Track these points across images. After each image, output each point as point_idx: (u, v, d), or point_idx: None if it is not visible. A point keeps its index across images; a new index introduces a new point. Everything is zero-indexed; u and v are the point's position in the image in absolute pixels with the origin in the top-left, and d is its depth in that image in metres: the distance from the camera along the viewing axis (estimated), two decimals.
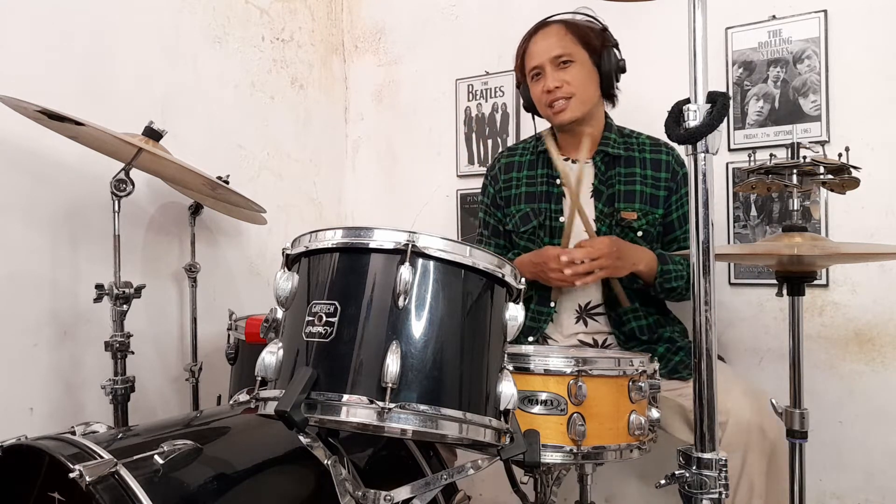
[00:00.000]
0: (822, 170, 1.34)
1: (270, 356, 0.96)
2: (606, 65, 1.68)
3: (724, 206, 1.97)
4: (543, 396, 1.19)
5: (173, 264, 2.02)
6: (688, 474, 0.95)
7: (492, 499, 2.25)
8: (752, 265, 1.95)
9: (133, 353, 1.60)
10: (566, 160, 1.77)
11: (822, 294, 1.88)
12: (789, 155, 1.36)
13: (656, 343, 1.65)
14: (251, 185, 2.28)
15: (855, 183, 1.37)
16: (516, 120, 2.37)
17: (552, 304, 1.71)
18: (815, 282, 1.67)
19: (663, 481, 1.00)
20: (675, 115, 0.97)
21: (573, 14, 1.72)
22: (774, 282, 1.43)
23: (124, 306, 1.57)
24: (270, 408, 0.92)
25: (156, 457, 1.07)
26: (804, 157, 1.34)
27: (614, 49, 1.70)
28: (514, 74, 1.82)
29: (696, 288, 0.96)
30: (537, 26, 1.73)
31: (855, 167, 1.33)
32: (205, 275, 2.02)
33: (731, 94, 1.97)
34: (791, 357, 1.41)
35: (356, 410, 0.88)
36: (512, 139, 2.37)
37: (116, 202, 1.53)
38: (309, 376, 0.89)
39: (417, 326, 0.92)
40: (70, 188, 1.74)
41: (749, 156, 1.45)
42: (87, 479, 0.96)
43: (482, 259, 0.98)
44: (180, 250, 2.04)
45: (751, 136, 1.95)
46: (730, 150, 1.97)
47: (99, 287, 1.55)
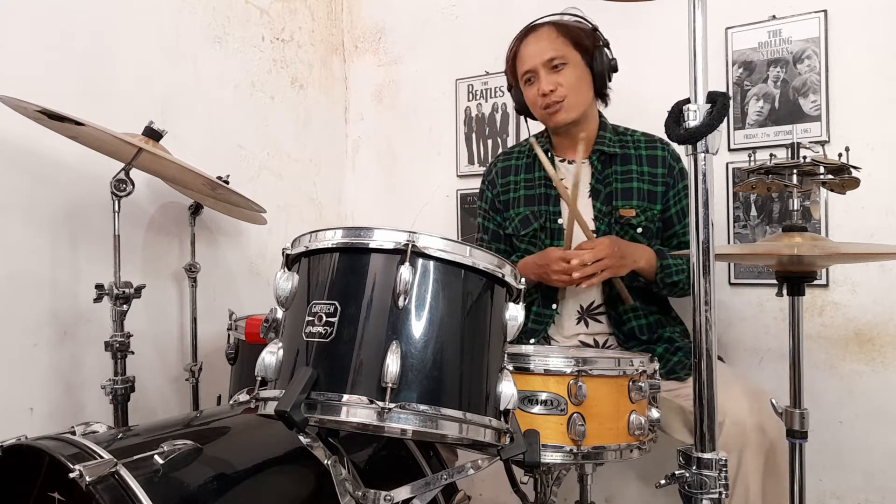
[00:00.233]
0: (822, 170, 1.34)
1: (270, 356, 0.96)
2: (599, 65, 1.68)
3: (724, 206, 1.97)
4: (543, 396, 1.19)
5: (173, 264, 2.02)
6: (688, 474, 0.96)
7: (492, 499, 2.25)
8: (752, 265, 1.95)
9: (133, 353, 1.60)
10: (562, 161, 1.78)
11: (822, 294, 1.88)
12: (789, 155, 1.36)
13: (655, 343, 1.65)
14: (251, 185, 2.28)
15: (855, 183, 1.37)
16: (516, 120, 2.37)
17: (554, 307, 1.71)
18: (815, 282, 1.67)
19: (663, 481, 1.00)
20: (675, 115, 0.97)
21: (561, 15, 1.71)
22: (774, 282, 1.43)
23: (124, 306, 1.57)
24: (270, 408, 0.92)
25: (156, 457, 1.07)
26: (804, 157, 1.34)
27: (606, 49, 1.70)
28: (506, 78, 1.81)
29: (696, 288, 0.96)
30: (527, 29, 1.71)
31: (855, 167, 1.33)
32: (205, 275, 2.02)
33: (731, 94, 1.97)
34: (791, 357, 1.41)
35: (356, 410, 0.88)
36: (512, 139, 2.37)
37: (116, 202, 1.53)
38: (309, 376, 0.89)
39: (417, 326, 0.92)
40: (70, 188, 1.74)
41: (749, 156, 1.45)
42: (87, 479, 0.96)
43: (482, 259, 0.98)
44: (180, 250, 2.04)
45: (751, 136, 1.95)
46: (730, 150, 1.97)
47: (99, 287, 1.55)
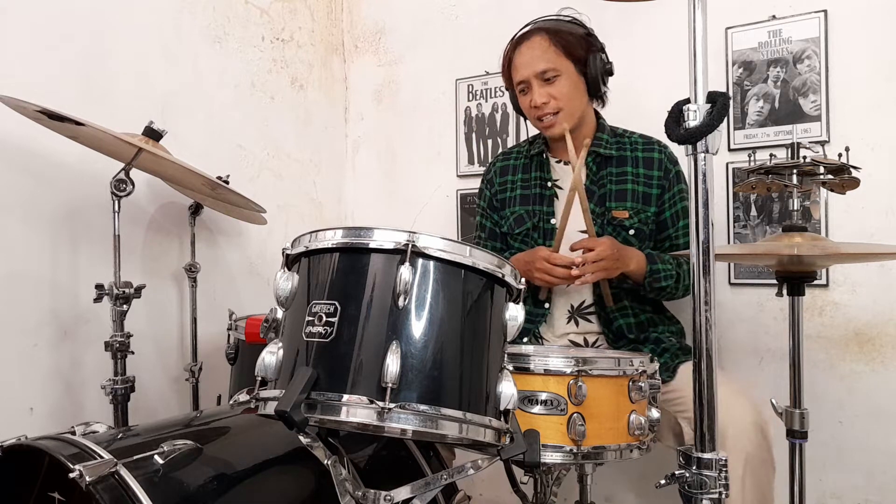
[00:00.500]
0: (822, 170, 1.34)
1: (270, 356, 0.96)
2: (592, 71, 1.66)
3: (724, 206, 1.97)
4: (543, 396, 1.19)
5: (173, 264, 2.02)
6: (688, 474, 0.96)
7: (492, 499, 2.25)
8: (752, 265, 1.95)
9: (133, 353, 1.60)
10: (558, 162, 1.78)
11: (822, 294, 1.88)
12: (789, 155, 1.36)
13: (643, 343, 1.65)
14: (251, 185, 2.27)
15: (855, 183, 1.37)
16: (516, 120, 2.37)
17: (546, 306, 1.72)
18: (815, 282, 1.67)
19: (663, 481, 1.00)
20: (675, 115, 0.97)
21: (557, 18, 1.68)
22: (774, 282, 1.43)
23: (124, 306, 1.57)
24: (270, 408, 0.92)
25: (156, 457, 1.07)
26: (804, 157, 1.34)
27: (600, 53, 1.68)
28: (502, 78, 1.79)
29: (696, 288, 0.96)
30: (520, 37, 1.69)
31: (855, 167, 1.34)
32: (205, 275, 2.02)
33: (731, 94, 1.97)
34: (791, 357, 1.41)
35: (356, 410, 0.88)
36: (512, 139, 2.37)
37: (116, 202, 1.53)
38: (309, 376, 0.89)
39: (417, 326, 0.92)
40: (70, 188, 1.74)
41: (749, 156, 1.45)
42: (87, 478, 0.96)
43: (482, 259, 0.98)
44: (180, 250, 2.04)
45: (751, 136, 1.95)
46: (730, 150, 1.97)
47: (99, 287, 1.55)
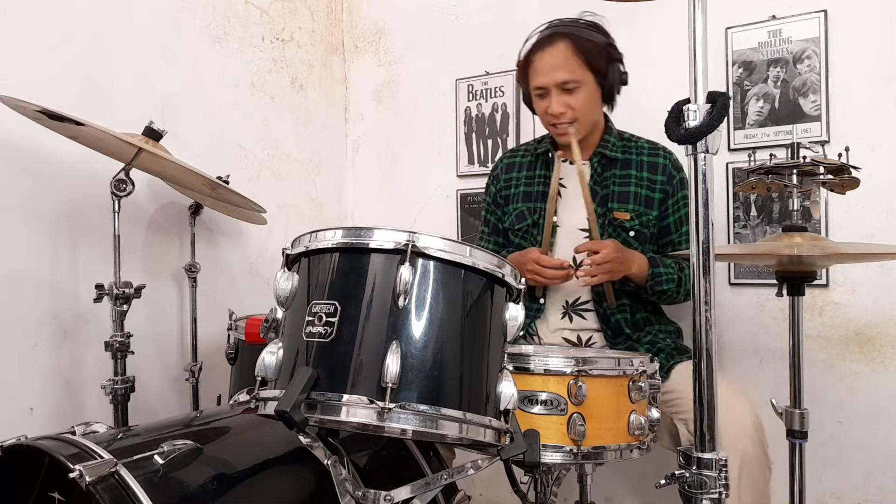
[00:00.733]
0: (822, 170, 1.34)
1: (270, 356, 0.96)
2: (610, 80, 1.66)
3: (724, 206, 1.97)
4: (543, 396, 1.19)
5: (173, 264, 2.02)
6: (688, 474, 0.95)
7: (492, 499, 2.25)
8: (752, 265, 1.95)
9: (133, 353, 1.60)
10: (564, 161, 1.77)
11: (822, 294, 1.88)
12: (789, 155, 1.36)
13: (639, 341, 1.66)
14: (251, 185, 2.27)
15: (855, 183, 1.37)
16: (516, 120, 2.37)
17: (542, 301, 1.73)
18: (815, 282, 1.67)
19: (663, 481, 0.99)
20: (675, 115, 0.97)
21: (577, 25, 1.65)
22: (774, 282, 1.43)
23: (124, 306, 1.57)
24: (270, 408, 0.92)
25: (156, 457, 1.07)
26: (804, 157, 1.34)
27: (619, 63, 1.68)
28: (515, 72, 1.77)
29: (696, 288, 0.96)
30: (543, 41, 1.64)
31: (855, 167, 1.34)
32: (205, 275, 2.02)
33: (731, 94, 1.97)
34: (791, 357, 1.41)
35: (356, 410, 0.88)
36: (512, 139, 2.37)
37: (116, 202, 1.53)
38: (309, 376, 0.89)
39: (417, 326, 0.92)
40: (70, 188, 1.74)
41: (749, 156, 1.45)
42: (87, 478, 0.96)
43: (482, 259, 0.98)
44: (180, 250, 2.04)
45: (751, 136, 1.95)
46: (730, 150, 1.97)
47: (99, 287, 1.55)
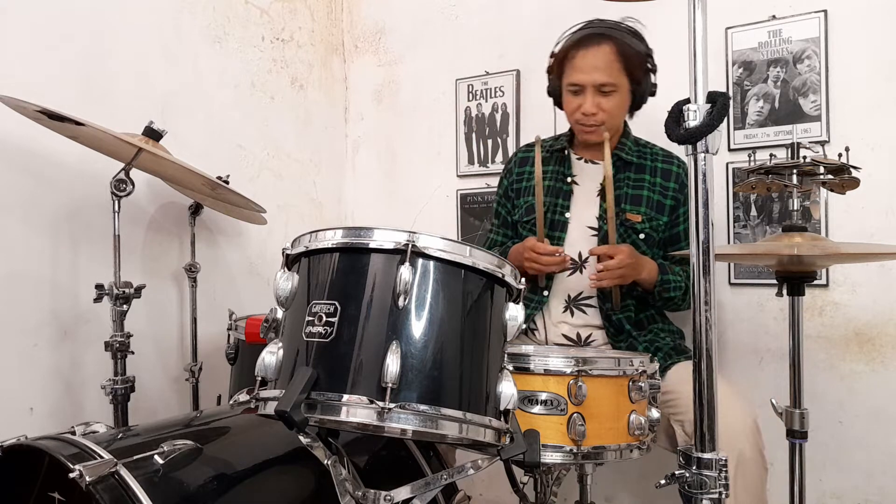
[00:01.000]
0: (822, 170, 1.34)
1: (270, 356, 0.96)
2: (642, 90, 1.69)
3: (724, 206, 1.97)
4: (543, 396, 1.19)
5: (173, 264, 2.02)
6: (688, 474, 0.96)
7: (492, 499, 2.25)
8: (752, 265, 1.95)
9: (133, 353, 1.60)
10: (579, 159, 1.81)
11: (822, 294, 1.88)
12: (789, 155, 1.37)
13: (637, 340, 1.66)
14: (251, 185, 2.27)
15: (855, 183, 1.37)
16: (516, 120, 2.37)
17: (545, 294, 1.73)
18: (815, 282, 1.67)
19: (663, 481, 1.00)
20: (675, 115, 0.97)
21: (620, 29, 1.66)
22: (774, 282, 1.43)
23: (124, 306, 1.57)
24: (270, 408, 0.92)
25: (156, 457, 1.07)
26: (804, 157, 1.34)
27: (653, 74, 1.70)
28: (548, 63, 1.75)
29: (696, 288, 0.96)
30: (587, 40, 1.64)
31: (855, 167, 1.34)
32: (205, 275, 2.02)
33: (731, 94, 1.97)
34: (791, 357, 1.41)
35: (356, 410, 0.88)
36: (512, 139, 2.37)
37: (116, 202, 1.53)
38: (309, 376, 0.89)
39: (417, 326, 0.92)
40: (70, 188, 1.74)
41: (749, 156, 1.45)
42: (87, 478, 0.96)
43: (482, 259, 0.98)
44: (180, 250, 2.03)
45: (751, 136, 1.95)
46: (730, 150, 1.97)
47: (99, 287, 1.55)
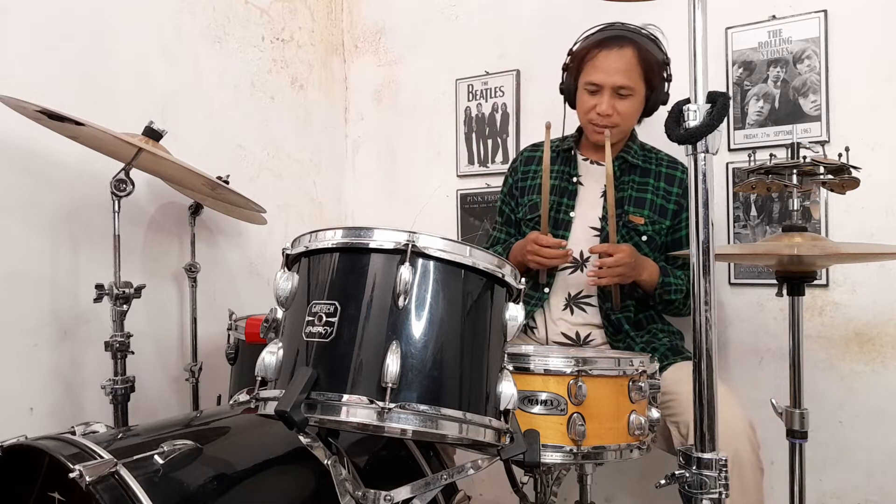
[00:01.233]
0: (822, 170, 1.34)
1: (270, 356, 0.96)
2: (655, 98, 1.70)
3: (724, 206, 1.97)
4: (543, 396, 1.19)
5: (173, 264, 2.02)
6: (688, 474, 0.95)
7: (492, 499, 2.25)
8: (752, 265, 1.95)
9: (133, 353, 1.60)
10: (585, 160, 1.81)
11: (822, 294, 1.88)
12: (789, 155, 1.37)
13: (635, 340, 1.67)
14: (251, 185, 2.27)
15: (855, 183, 1.37)
16: (516, 120, 2.37)
17: (546, 290, 1.73)
18: (815, 282, 1.67)
19: (663, 481, 0.99)
20: (675, 115, 0.97)
21: (641, 35, 1.66)
22: (774, 282, 1.43)
23: (124, 306, 1.57)
24: (270, 408, 0.92)
25: (156, 457, 1.07)
26: (804, 157, 1.34)
27: (668, 83, 1.71)
28: (566, 60, 1.75)
29: (696, 288, 0.96)
30: (610, 41, 1.65)
31: (855, 167, 1.34)
32: (205, 275, 2.02)
33: (731, 94, 1.97)
34: (791, 357, 1.41)
35: (356, 410, 0.88)
36: (512, 139, 2.37)
37: (116, 202, 1.53)
38: (309, 376, 0.89)
39: (417, 326, 0.92)
40: (70, 188, 1.74)
41: (749, 156, 1.45)
42: (87, 478, 0.96)
43: (482, 259, 0.98)
44: (180, 250, 2.03)
45: (751, 136, 1.95)
46: (730, 150, 1.97)
47: (99, 287, 1.55)
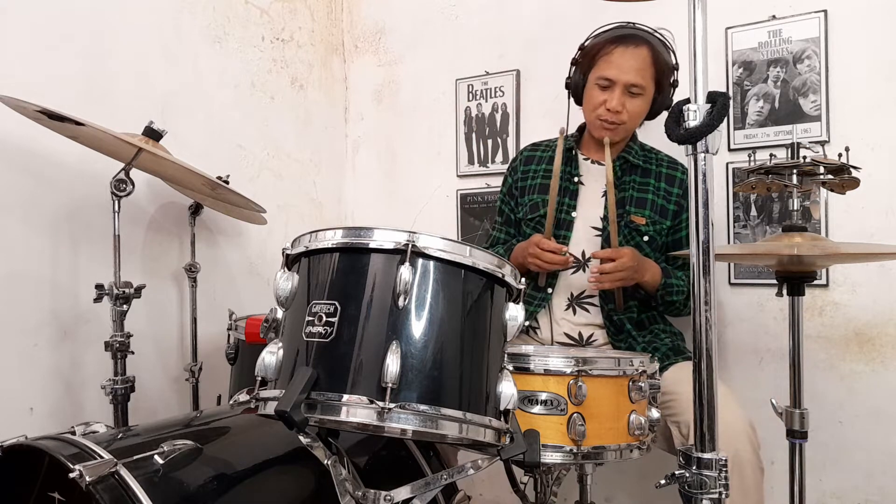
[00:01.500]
0: (822, 170, 1.34)
1: (270, 356, 0.96)
2: (661, 102, 1.71)
3: (724, 206, 1.97)
4: (543, 396, 1.19)
5: (173, 264, 2.02)
6: (688, 474, 0.95)
7: (492, 499, 2.25)
8: (752, 265, 1.95)
9: (133, 353, 1.60)
10: (586, 159, 1.81)
11: (822, 294, 1.88)
12: (789, 155, 1.37)
13: (636, 340, 1.67)
14: (251, 185, 2.27)
15: (855, 183, 1.37)
16: (516, 120, 2.37)
17: (550, 291, 1.73)
18: (815, 282, 1.67)
19: (663, 481, 0.99)
20: (675, 115, 0.97)
21: (655, 37, 1.67)
22: (774, 282, 1.43)
23: (124, 306, 1.57)
24: (270, 408, 0.92)
25: (156, 457, 1.07)
26: (804, 157, 1.34)
27: (674, 89, 1.72)
28: (576, 55, 1.76)
29: (696, 288, 0.96)
30: (627, 39, 1.65)
31: (855, 167, 1.34)
32: (205, 275, 2.02)
33: (731, 94, 1.97)
34: (791, 357, 1.41)
35: (356, 410, 0.88)
36: (512, 139, 2.37)
37: (116, 202, 1.53)
38: (309, 376, 0.89)
39: (417, 326, 0.92)
40: (70, 188, 1.74)
41: (749, 156, 1.45)
42: (87, 478, 0.96)
43: (482, 259, 0.98)
44: (180, 250, 2.03)
45: (751, 136, 1.95)
46: (730, 150, 1.97)
47: (99, 287, 1.55)
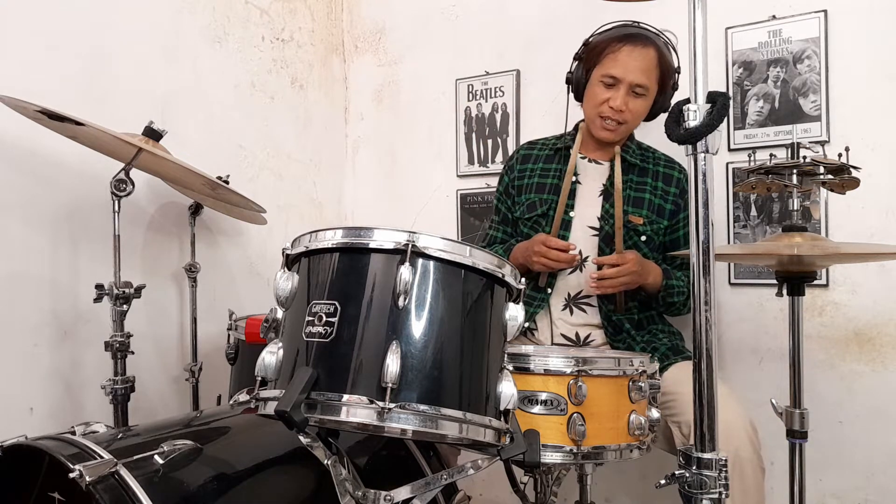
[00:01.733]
0: (822, 170, 1.34)
1: (270, 356, 0.97)
2: (661, 104, 1.71)
3: (724, 206, 1.97)
4: (543, 396, 1.19)
5: (173, 264, 2.02)
6: (688, 474, 0.96)
7: (492, 499, 2.25)
8: (752, 265, 1.95)
9: (133, 353, 1.60)
10: (583, 158, 1.81)
11: (822, 294, 1.88)
12: (789, 155, 1.36)
13: (635, 340, 1.67)
14: (251, 185, 2.27)
15: (855, 183, 1.37)
16: (516, 120, 2.37)
17: (549, 291, 1.73)
18: (815, 282, 1.67)
19: (663, 481, 1.00)
20: (675, 115, 0.97)
21: (660, 39, 1.67)
22: (774, 282, 1.43)
23: (124, 306, 1.57)
24: (270, 408, 0.92)
25: (156, 457, 1.07)
26: (804, 157, 1.34)
27: (674, 92, 1.72)
28: (579, 51, 1.76)
29: (696, 288, 0.96)
30: (635, 38, 1.65)
31: (855, 167, 1.34)
32: (205, 275, 2.02)
33: (731, 94, 1.97)
34: (791, 357, 1.41)
35: (356, 410, 0.88)
36: (512, 139, 2.37)
37: (116, 202, 1.53)
38: (309, 376, 0.89)
39: (417, 326, 0.92)
40: (70, 188, 1.74)
41: (749, 156, 1.45)
42: (87, 478, 0.96)
43: (482, 259, 0.98)
44: (180, 250, 2.03)
45: (751, 136, 1.95)
46: (730, 150, 1.97)
47: (99, 287, 1.55)
